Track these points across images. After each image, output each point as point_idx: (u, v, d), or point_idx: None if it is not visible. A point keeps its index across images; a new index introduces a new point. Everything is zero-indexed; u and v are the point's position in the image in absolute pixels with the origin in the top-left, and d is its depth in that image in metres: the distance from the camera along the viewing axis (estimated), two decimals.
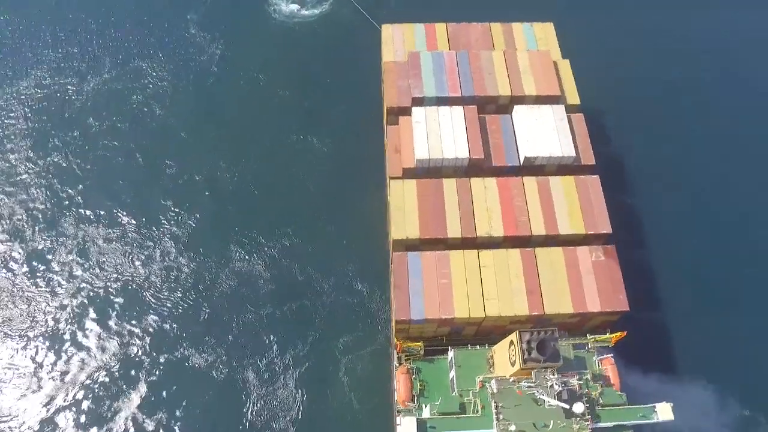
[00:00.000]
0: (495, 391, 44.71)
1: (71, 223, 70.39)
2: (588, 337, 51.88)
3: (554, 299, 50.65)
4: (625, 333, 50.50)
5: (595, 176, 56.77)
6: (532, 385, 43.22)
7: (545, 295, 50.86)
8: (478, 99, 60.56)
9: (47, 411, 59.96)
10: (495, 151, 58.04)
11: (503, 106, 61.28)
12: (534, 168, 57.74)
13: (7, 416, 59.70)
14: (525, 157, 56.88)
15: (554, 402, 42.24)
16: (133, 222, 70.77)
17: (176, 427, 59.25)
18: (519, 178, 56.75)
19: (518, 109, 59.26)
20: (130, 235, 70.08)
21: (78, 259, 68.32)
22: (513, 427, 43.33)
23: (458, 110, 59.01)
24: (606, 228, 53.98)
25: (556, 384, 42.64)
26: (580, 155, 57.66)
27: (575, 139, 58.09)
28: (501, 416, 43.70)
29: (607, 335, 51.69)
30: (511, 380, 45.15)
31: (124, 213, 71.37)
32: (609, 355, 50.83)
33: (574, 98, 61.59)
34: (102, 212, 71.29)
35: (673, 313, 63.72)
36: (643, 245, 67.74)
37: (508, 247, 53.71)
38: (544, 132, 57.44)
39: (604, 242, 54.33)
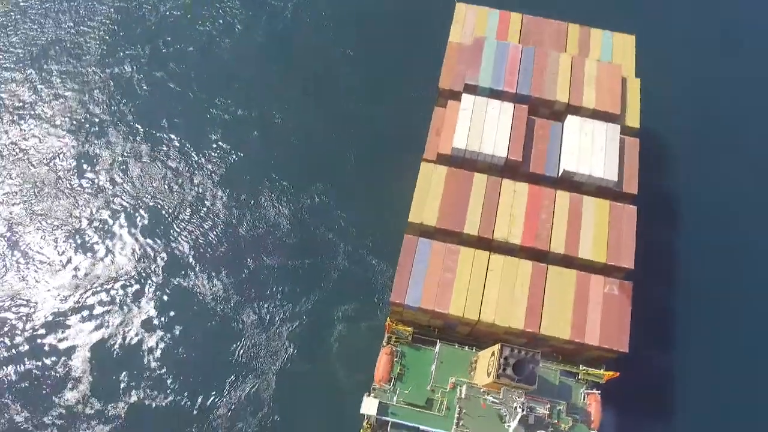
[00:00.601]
0: (463, 396, 43.98)
1: (121, 134, 73.42)
2: (580, 368, 50.01)
3: (553, 321, 48.78)
4: (618, 374, 48.24)
5: (633, 207, 53.54)
6: (496, 401, 42.19)
7: (545, 315, 49.05)
8: (532, 100, 57.90)
9: (60, 304, 63.88)
10: (535, 157, 55.67)
11: (557, 112, 58.35)
12: (571, 183, 55.05)
13: (24, 300, 64.06)
14: (564, 170, 54.30)
15: (513, 424, 41.14)
16: (177, 146, 73.06)
17: (169, 349, 61.92)
18: (552, 190, 54.35)
19: (571, 119, 56.37)
20: (172, 158, 72.45)
21: (120, 169, 71.44)
22: None
23: (508, 107, 56.76)
24: (628, 263, 51.11)
25: (519, 407, 41.40)
26: (623, 181, 54.43)
27: (622, 164, 54.79)
28: (461, 422, 43.08)
29: (601, 371, 49.58)
30: (482, 390, 44.25)
31: (172, 136, 73.71)
32: (596, 391, 48.88)
33: (634, 121, 57.80)
34: (152, 131, 73.86)
35: (680, 368, 60.11)
36: (670, 289, 63.76)
37: (521, 257, 51.99)
38: (592, 149, 54.48)
39: (623, 277, 51.58)
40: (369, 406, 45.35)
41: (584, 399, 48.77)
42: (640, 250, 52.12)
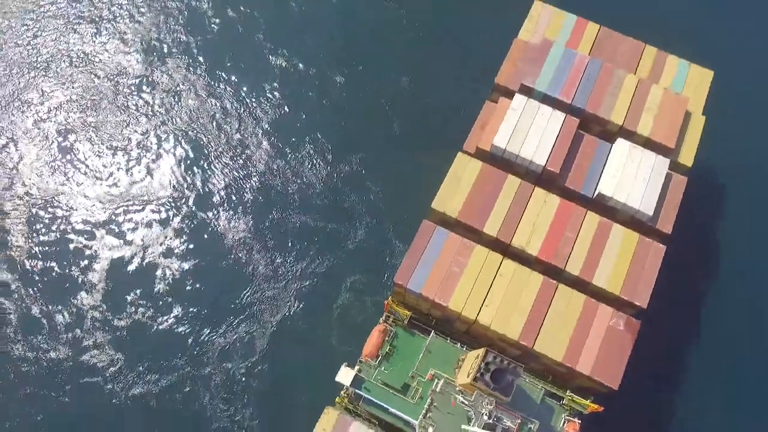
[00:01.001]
0: (437, 389, 43.77)
1: (182, 65, 75.46)
2: (567, 393, 48.83)
3: (549, 340, 47.58)
4: (602, 408, 46.86)
5: (663, 246, 51.05)
6: (465, 403, 41.74)
7: (543, 332, 47.87)
8: (586, 114, 55.67)
9: (92, 215, 66.97)
10: (574, 173, 53.78)
11: (609, 132, 56.00)
12: (605, 207, 53.06)
13: (61, 204, 67.48)
14: (599, 193, 52.33)
15: (472, 428, 40.65)
16: (233, 87, 74.58)
17: (181, 278, 64.36)
18: (584, 209, 52.55)
19: (620, 143, 54.04)
20: (226, 98, 74.04)
21: (175, 99, 73.63)
22: (431, 430, 42.48)
23: (559, 116, 54.89)
24: (642, 301, 48.98)
25: (486, 414, 40.84)
26: (658, 217, 52.06)
27: (663, 200, 52.27)
28: (429, 414, 42.93)
29: (587, 402, 48.24)
30: (457, 389, 43.88)
31: (231, 77, 75.19)
32: (577, 420, 47.69)
33: (687, 159, 54.81)
34: (213, 68, 75.56)
35: (668, 418, 57.74)
36: (681, 337, 60.95)
37: (534, 269, 50.78)
38: (634, 177, 52.20)
39: (633, 314, 49.60)
40: (345, 375, 45.83)
41: (564, 424, 47.72)
42: (659, 291, 49.92)
